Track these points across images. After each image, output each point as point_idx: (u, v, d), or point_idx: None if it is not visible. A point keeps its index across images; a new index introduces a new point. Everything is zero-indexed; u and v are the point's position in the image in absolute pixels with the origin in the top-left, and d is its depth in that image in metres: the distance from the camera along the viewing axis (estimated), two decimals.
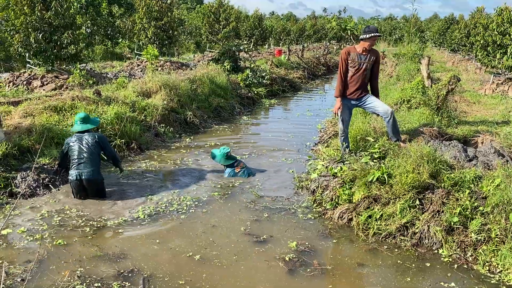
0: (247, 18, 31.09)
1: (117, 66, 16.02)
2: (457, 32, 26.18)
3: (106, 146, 5.72)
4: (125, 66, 15.50)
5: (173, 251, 4.26)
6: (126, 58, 20.64)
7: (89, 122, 5.78)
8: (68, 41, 10.39)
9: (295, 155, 7.58)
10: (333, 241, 4.55)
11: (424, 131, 6.29)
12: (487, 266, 4.01)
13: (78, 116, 5.80)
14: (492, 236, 4.15)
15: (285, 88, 15.78)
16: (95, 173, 5.41)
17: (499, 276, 3.87)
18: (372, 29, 5.80)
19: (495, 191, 4.43)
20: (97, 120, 6.12)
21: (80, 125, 5.69)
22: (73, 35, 10.50)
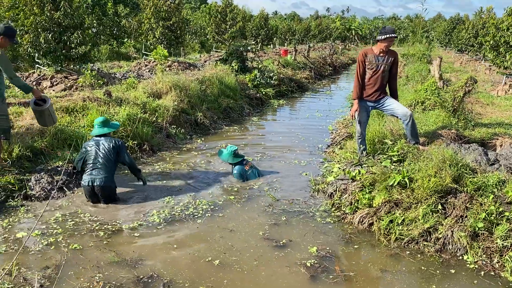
0: (251, 18, 31.05)
1: (125, 66, 15.96)
2: (464, 32, 26.02)
3: (121, 152, 5.56)
4: (133, 66, 15.44)
5: (192, 256, 4.19)
6: (133, 58, 20.58)
7: (107, 125, 5.71)
8: (78, 41, 10.32)
9: (308, 157, 7.50)
10: (355, 247, 4.46)
11: (443, 133, 6.20)
12: None
13: (97, 120, 5.73)
14: None
15: (293, 88, 15.70)
16: (108, 181, 5.28)
17: None
18: (388, 30, 5.71)
19: None
20: (117, 124, 6.04)
21: (98, 129, 5.63)
22: (83, 35, 10.43)
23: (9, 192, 5.42)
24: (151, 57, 14.95)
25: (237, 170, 6.32)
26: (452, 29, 34.78)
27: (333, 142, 8.36)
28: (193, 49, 31.44)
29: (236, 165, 6.38)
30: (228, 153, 6.40)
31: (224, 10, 21.12)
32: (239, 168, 6.33)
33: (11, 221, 4.82)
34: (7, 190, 5.42)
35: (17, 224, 4.78)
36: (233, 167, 6.43)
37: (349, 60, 31.57)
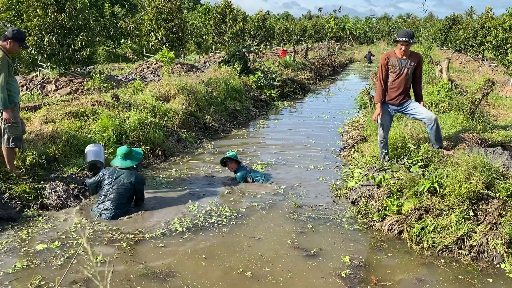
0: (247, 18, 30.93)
1: (126, 68, 15.78)
2: (462, 32, 26.10)
3: (140, 189, 5.33)
4: (134, 68, 15.26)
5: (223, 267, 4.06)
6: (133, 60, 20.38)
7: (130, 157, 5.40)
8: (82, 43, 10.14)
9: (323, 161, 7.40)
10: (388, 255, 4.35)
11: (465, 137, 6.12)
12: None
13: (120, 150, 5.43)
14: None
15: (296, 89, 15.62)
16: (116, 214, 5.05)
17: None
18: (400, 33, 5.64)
19: None
20: (140, 154, 5.68)
21: (120, 161, 5.34)
22: (87, 37, 10.25)
23: (25, 202, 5.26)
24: (152, 59, 14.79)
25: (239, 174, 6.31)
26: (448, 28, 34.90)
27: (346, 145, 8.26)
28: (189, 50, 31.26)
29: (239, 168, 6.40)
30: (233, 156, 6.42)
31: (223, 11, 20.98)
32: (240, 172, 6.33)
33: (30, 232, 4.66)
34: (22, 199, 5.26)
35: (37, 235, 4.62)
36: (236, 172, 6.38)
37: (346, 60, 31.56)
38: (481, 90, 6.90)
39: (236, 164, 6.39)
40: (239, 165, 6.43)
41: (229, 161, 6.41)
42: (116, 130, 7.25)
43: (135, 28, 25.92)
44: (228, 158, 6.40)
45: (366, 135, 8.03)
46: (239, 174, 6.32)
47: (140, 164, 6.44)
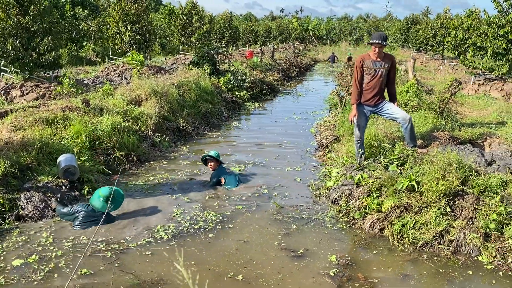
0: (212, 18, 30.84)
1: (91, 72, 15.40)
2: (422, 32, 27.02)
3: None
4: (100, 71, 14.91)
5: (213, 272, 4.07)
6: (98, 63, 19.89)
7: (113, 201, 5.03)
8: (48, 47, 9.83)
9: (300, 162, 7.50)
10: (373, 252, 4.48)
11: (437, 135, 6.36)
12: None
13: (102, 192, 5.04)
14: None
15: (265, 91, 15.72)
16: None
17: None
18: (373, 36, 5.82)
19: None
20: (121, 197, 5.27)
21: (101, 204, 4.98)
22: (53, 41, 9.95)
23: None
24: (119, 62, 14.50)
25: (217, 172, 6.37)
26: (408, 29, 36.04)
27: (320, 146, 8.41)
28: (153, 52, 30.83)
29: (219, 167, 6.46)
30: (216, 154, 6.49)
31: (189, 12, 20.83)
32: (220, 171, 6.39)
33: (5, 247, 4.47)
34: None
35: (12, 250, 4.43)
36: (214, 170, 6.42)
37: (311, 61, 31.99)
38: (449, 90, 7.21)
39: (217, 164, 6.40)
40: (220, 165, 6.44)
41: (211, 160, 6.41)
42: (89, 136, 7.10)
43: (98, 30, 25.33)
44: (210, 156, 6.40)
45: (339, 135, 8.20)
46: (215, 173, 6.35)
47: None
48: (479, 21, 14.48)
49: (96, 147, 7.12)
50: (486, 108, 9.15)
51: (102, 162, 6.86)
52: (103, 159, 6.98)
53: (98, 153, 7.07)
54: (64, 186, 5.87)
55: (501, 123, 7.72)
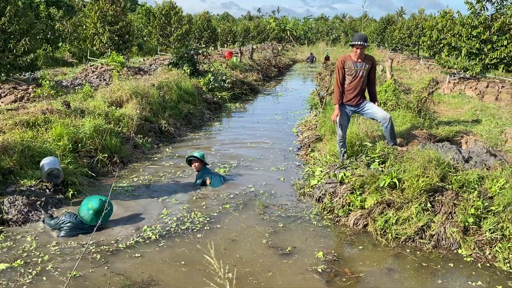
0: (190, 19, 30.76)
1: (69, 73, 15.16)
2: (397, 32, 27.57)
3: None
4: (78, 73, 14.71)
5: (203, 272, 4.12)
6: (75, 64, 19.59)
7: (103, 215, 4.66)
8: (25, 48, 9.68)
9: (283, 161, 7.60)
10: (358, 248, 4.62)
11: (416, 133, 6.56)
12: (507, 263, 4.26)
13: (92, 204, 4.87)
14: (506, 234, 4.41)
15: (246, 91, 15.79)
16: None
17: None
18: (354, 37, 5.96)
19: (501, 190, 4.73)
20: (111, 210, 5.07)
21: (91, 217, 4.84)
22: (30, 42, 9.79)
23: None
24: (98, 63, 14.34)
25: (202, 173, 6.40)
26: (384, 29, 36.69)
27: (303, 145, 8.53)
28: (131, 52, 30.53)
29: (204, 168, 6.48)
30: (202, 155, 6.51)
31: (168, 12, 20.72)
32: (205, 171, 6.43)
33: None
34: None
35: None
36: (199, 171, 6.44)
37: (290, 61, 32.23)
38: (427, 89, 7.43)
39: (201, 165, 6.43)
40: (204, 166, 6.48)
41: (195, 160, 6.44)
42: (72, 139, 7.04)
43: (74, 31, 24.94)
44: (194, 157, 6.43)
45: (321, 135, 8.34)
46: (200, 174, 6.39)
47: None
48: (453, 22, 14.88)
49: (78, 150, 7.07)
50: (461, 107, 9.45)
51: (86, 165, 6.82)
52: (86, 162, 6.93)
53: (81, 155, 7.03)
54: (48, 189, 5.82)
55: (476, 121, 8.00)
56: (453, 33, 12.85)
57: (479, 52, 12.39)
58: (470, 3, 12.43)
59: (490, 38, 12.17)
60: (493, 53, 12.07)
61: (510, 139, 6.67)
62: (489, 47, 12.27)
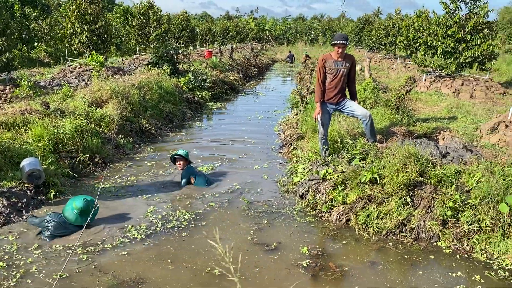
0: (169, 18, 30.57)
1: (47, 74, 14.89)
2: (374, 32, 28.00)
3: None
4: (56, 73, 14.47)
5: (190, 269, 4.16)
6: (53, 64, 19.24)
7: (88, 214, 4.74)
8: (2, 48, 9.50)
9: (266, 160, 7.67)
10: (341, 243, 4.72)
11: (395, 130, 6.72)
12: (484, 254, 4.43)
13: (76, 204, 4.85)
14: (483, 225, 4.59)
15: (227, 90, 15.82)
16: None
17: (497, 262, 4.30)
18: (336, 37, 6.06)
19: (477, 184, 4.91)
20: (96, 210, 5.06)
21: (75, 216, 4.82)
22: (7, 41, 9.61)
23: None
24: (76, 63, 14.15)
25: (187, 171, 6.40)
26: (361, 29, 37.17)
27: (285, 143, 8.63)
28: (109, 52, 30.16)
29: (187, 166, 6.50)
30: (186, 153, 6.54)
31: (146, 12, 20.56)
32: (190, 170, 6.44)
33: None
34: None
35: None
36: (183, 169, 6.45)
37: (269, 60, 32.33)
38: (404, 87, 7.62)
39: (185, 163, 6.45)
40: (188, 164, 6.50)
41: (179, 159, 6.45)
42: (52, 139, 6.96)
43: (50, 30, 24.49)
44: (178, 155, 6.44)
45: (302, 133, 8.45)
46: (184, 173, 6.40)
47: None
48: (429, 22, 15.23)
49: (59, 150, 6.99)
50: (438, 104, 9.71)
51: (67, 165, 6.75)
52: (68, 162, 6.86)
53: (62, 156, 6.95)
54: (29, 190, 5.76)
55: (452, 118, 8.24)
56: (429, 33, 13.17)
57: (454, 51, 12.73)
58: (445, 3, 12.76)
59: (464, 37, 12.52)
60: (467, 52, 12.42)
61: (485, 135, 6.91)
62: (463, 46, 12.61)
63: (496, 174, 4.95)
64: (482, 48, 12.15)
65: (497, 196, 4.61)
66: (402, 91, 7.66)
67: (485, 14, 12.21)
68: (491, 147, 6.50)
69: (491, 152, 6.26)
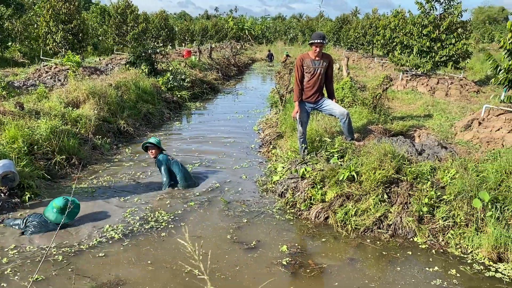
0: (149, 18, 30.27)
1: (21, 74, 14.58)
2: (352, 31, 28.29)
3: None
4: (31, 73, 14.18)
5: (170, 269, 4.14)
6: (27, 64, 18.81)
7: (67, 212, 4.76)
8: None
9: (246, 159, 7.68)
10: (320, 240, 4.76)
11: (372, 128, 6.82)
12: (458, 248, 4.53)
13: (56, 203, 4.87)
14: (457, 221, 4.69)
15: (206, 90, 15.77)
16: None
17: (471, 256, 4.41)
18: (313, 36, 6.10)
19: (452, 180, 5.02)
20: (77, 207, 5.07)
21: (55, 215, 4.84)
22: None
23: None
24: (52, 63, 13.88)
25: (162, 157, 6.25)
26: (340, 28, 37.53)
27: (264, 142, 8.65)
28: (86, 52, 29.67)
29: (160, 154, 6.36)
30: (158, 141, 6.39)
31: (124, 11, 20.30)
32: (162, 156, 6.29)
33: None
34: None
35: None
36: (156, 159, 6.32)
37: (249, 60, 32.34)
38: (381, 86, 7.73)
39: (158, 151, 6.35)
40: (161, 152, 6.39)
41: (151, 147, 6.35)
42: (27, 141, 6.82)
43: (24, 30, 23.96)
44: (150, 143, 6.35)
45: (282, 132, 8.49)
46: (158, 162, 6.24)
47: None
48: (405, 21, 15.49)
49: (34, 152, 6.85)
50: (414, 102, 9.88)
51: (42, 167, 6.63)
52: (43, 164, 6.73)
53: (37, 158, 6.82)
54: (3, 193, 5.63)
55: (428, 116, 8.40)
56: (405, 32, 13.40)
57: (430, 50, 12.97)
58: (420, 3, 12.99)
59: (439, 36, 12.76)
60: (442, 51, 12.66)
61: (459, 132, 7.06)
62: (438, 45, 12.86)
63: (469, 170, 5.07)
64: (456, 47, 12.42)
65: (470, 192, 4.72)
66: (379, 90, 7.77)
67: (459, 14, 12.48)
68: (465, 144, 6.65)
69: (465, 149, 6.41)
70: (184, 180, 6.25)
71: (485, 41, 41.59)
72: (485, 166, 5.13)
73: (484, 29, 46.78)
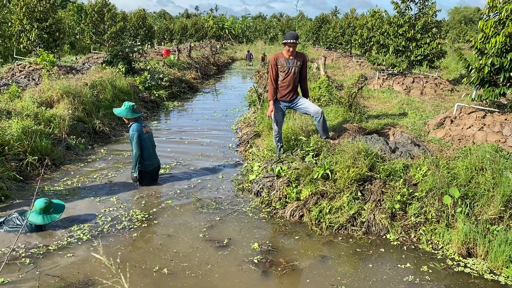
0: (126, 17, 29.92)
1: None
2: (331, 31, 28.50)
3: None
4: (4, 72, 13.83)
5: (139, 268, 4.09)
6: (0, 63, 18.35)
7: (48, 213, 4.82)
8: None
9: (223, 159, 7.65)
10: (294, 238, 4.77)
11: (347, 127, 6.86)
12: (430, 244, 4.59)
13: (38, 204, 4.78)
14: (429, 217, 4.76)
15: (184, 89, 15.67)
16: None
17: (442, 252, 4.48)
18: (286, 36, 6.10)
19: (423, 178, 5.09)
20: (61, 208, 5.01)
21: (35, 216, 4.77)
22: None
23: None
24: (26, 62, 13.59)
25: (134, 128, 5.95)
26: (319, 28, 37.76)
27: (241, 141, 8.63)
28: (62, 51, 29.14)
29: (134, 123, 6.06)
30: (126, 108, 6.07)
31: (101, 9, 20.01)
32: (137, 126, 5.99)
33: None
34: None
35: None
36: (130, 126, 6.07)
37: (229, 59, 32.30)
38: (356, 85, 7.79)
39: (132, 119, 6.10)
40: (136, 121, 6.11)
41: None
42: None
43: None
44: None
45: (259, 131, 8.49)
46: (131, 132, 5.96)
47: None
48: (382, 21, 15.66)
49: (5, 153, 6.70)
50: (390, 101, 10.00)
51: (14, 168, 6.48)
52: (15, 165, 6.58)
53: (8, 158, 6.67)
54: None
55: (403, 114, 8.51)
56: (382, 32, 13.55)
57: (405, 49, 13.15)
58: (396, 3, 13.16)
59: (415, 36, 12.95)
60: (417, 50, 12.85)
61: (432, 130, 7.17)
62: (414, 45, 13.04)
63: (441, 167, 5.14)
64: (431, 46, 12.61)
65: (441, 189, 4.79)
66: (354, 89, 7.84)
67: (434, 13, 12.68)
68: (437, 142, 6.76)
69: (437, 146, 6.52)
70: (148, 159, 6.07)
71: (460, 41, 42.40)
72: (456, 163, 5.21)
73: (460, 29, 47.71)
